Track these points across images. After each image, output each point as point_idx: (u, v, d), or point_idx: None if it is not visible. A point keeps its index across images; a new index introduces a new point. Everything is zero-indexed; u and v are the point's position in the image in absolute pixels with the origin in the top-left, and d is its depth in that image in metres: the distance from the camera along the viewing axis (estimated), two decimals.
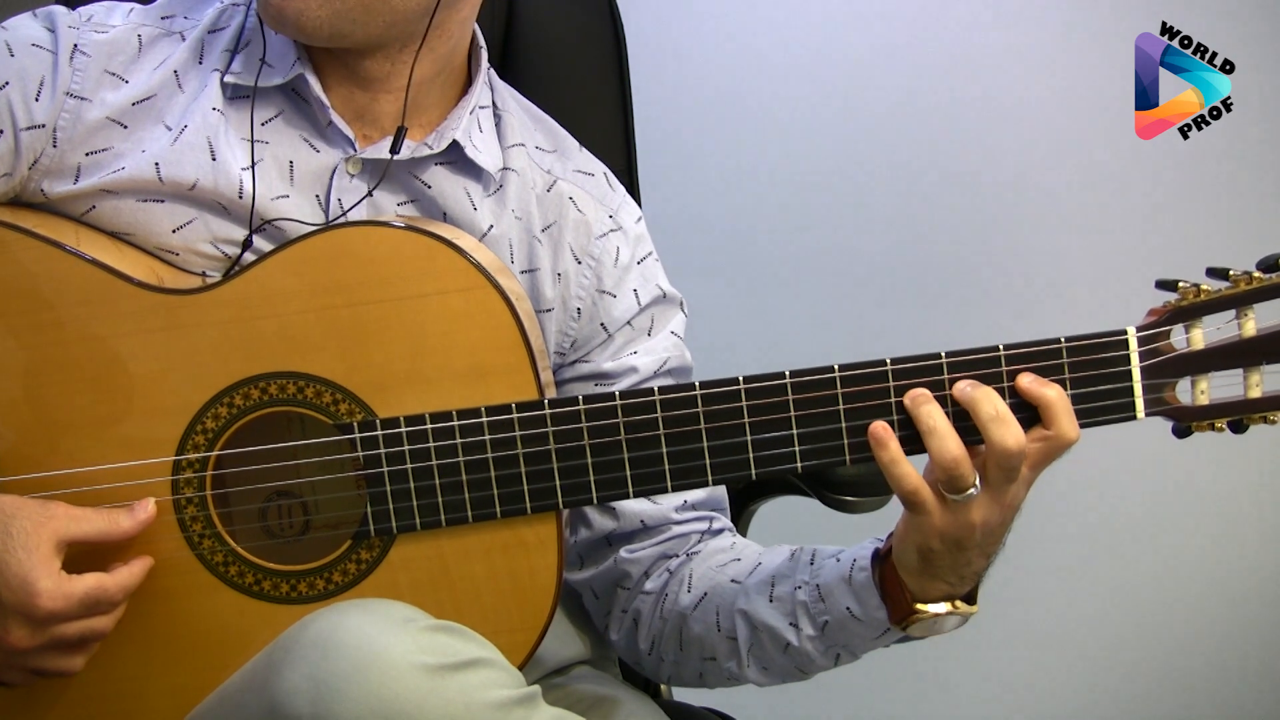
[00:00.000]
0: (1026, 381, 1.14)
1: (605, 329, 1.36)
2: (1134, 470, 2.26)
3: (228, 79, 1.27)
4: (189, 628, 1.21)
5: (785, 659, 1.28)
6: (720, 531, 1.38)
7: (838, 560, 1.25)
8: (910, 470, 1.14)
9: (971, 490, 1.13)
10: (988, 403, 1.13)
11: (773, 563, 1.30)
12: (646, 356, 1.36)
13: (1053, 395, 1.13)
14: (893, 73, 2.20)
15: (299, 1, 1.21)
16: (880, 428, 1.14)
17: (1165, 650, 2.35)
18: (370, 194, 1.29)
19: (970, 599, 1.21)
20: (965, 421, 1.14)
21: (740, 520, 1.61)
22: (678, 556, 1.35)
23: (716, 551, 1.35)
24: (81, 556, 1.17)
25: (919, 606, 1.19)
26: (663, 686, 1.56)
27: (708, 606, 1.31)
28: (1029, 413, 1.14)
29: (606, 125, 1.63)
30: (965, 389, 1.14)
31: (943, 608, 1.20)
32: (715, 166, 2.20)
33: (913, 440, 1.15)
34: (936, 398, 1.15)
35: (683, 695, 1.56)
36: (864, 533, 1.27)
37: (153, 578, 1.20)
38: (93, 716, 1.22)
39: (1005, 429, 1.12)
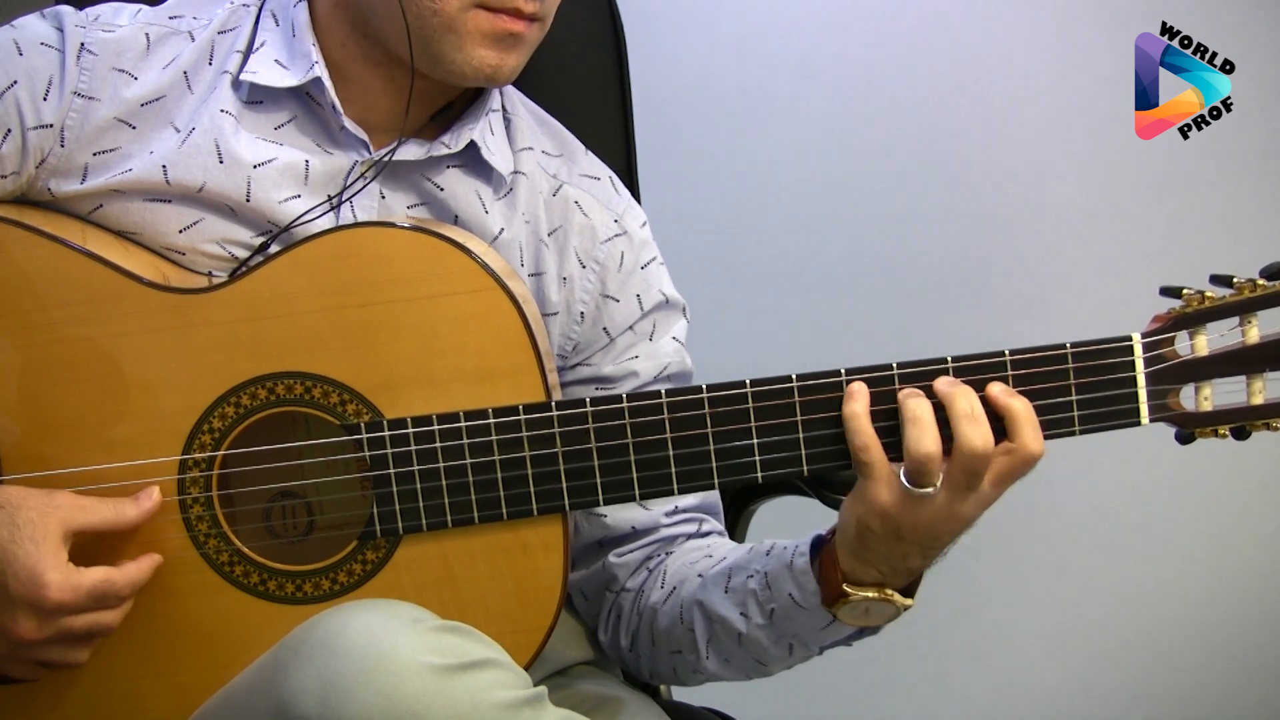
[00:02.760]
0: (996, 390, 1.15)
1: (608, 333, 1.36)
2: (1136, 474, 2.26)
3: (241, 79, 1.27)
4: (193, 627, 1.21)
5: (741, 650, 1.29)
6: (708, 534, 1.39)
7: (786, 548, 1.26)
8: (867, 426, 1.15)
9: (930, 489, 1.13)
10: (964, 400, 1.13)
11: (735, 556, 1.31)
12: (648, 361, 1.37)
13: (1018, 406, 1.14)
14: (893, 73, 2.19)
15: (514, 60, 1.24)
16: (857, 384, 1.15)
17: (1166, 652, 2.35)
18: (382, 196, 1.29)
19: (908, 594, 1.21)
20: (940, 416, 1.14)
21: (740, 520, 1.61)
22: (660, 556, 1.36)
23: (693, 549, 1.36)
24: (89, 552, 1.17)
25: (847, 588, 1.19)
26: (662, 687, 1.57)
27: (674, 601, 1.32)
28: (998, 425, 1.14)
29: (606, 125, 1.64)
30: (944, 385, 1.15)
31: (872, 593, 1.19)
32: (715, 167, 2.20)
33: (897, 447, 1.15)
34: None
35: (682, 695, 1.57)
36: None
37: (158, 576, 1.20)
38: (96, 715, 1.22)
39: (975, 428, 1.13)
